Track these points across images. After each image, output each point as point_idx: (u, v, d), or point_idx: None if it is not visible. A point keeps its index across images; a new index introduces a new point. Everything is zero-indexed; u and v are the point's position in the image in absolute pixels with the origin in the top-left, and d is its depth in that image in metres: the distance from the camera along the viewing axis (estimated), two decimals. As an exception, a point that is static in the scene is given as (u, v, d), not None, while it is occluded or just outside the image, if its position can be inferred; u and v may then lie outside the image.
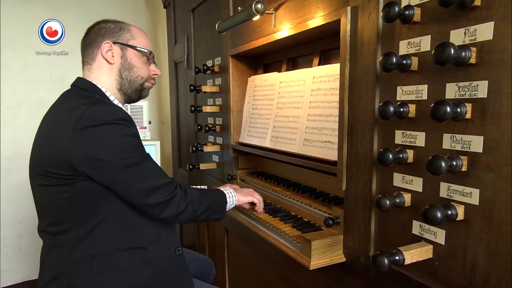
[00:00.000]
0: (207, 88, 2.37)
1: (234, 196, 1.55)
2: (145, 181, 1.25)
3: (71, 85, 1.42)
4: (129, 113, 1.29)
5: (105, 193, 1.24)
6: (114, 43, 1.40)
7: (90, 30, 1.44)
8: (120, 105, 1.43)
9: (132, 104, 2.90)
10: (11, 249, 3.38)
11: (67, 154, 1.18)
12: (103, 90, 1.40)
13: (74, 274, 1.26)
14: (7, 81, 3.22)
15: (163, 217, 1.30)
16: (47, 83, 3.29)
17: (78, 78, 1.42)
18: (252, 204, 1.67)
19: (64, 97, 1.38)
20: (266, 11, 1.62)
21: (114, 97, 1.43)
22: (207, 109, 2.39)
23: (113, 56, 1.40)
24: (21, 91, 3.28)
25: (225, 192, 1.53)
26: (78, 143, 1.18)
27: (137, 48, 1.43)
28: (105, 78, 1.41)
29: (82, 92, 1.36)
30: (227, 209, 1.52)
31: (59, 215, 1.27)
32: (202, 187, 1.88)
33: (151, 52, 1.48)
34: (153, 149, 2.97)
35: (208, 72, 2.35)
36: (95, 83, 1.39)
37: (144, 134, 3.02)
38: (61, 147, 1.19)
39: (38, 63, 3.25)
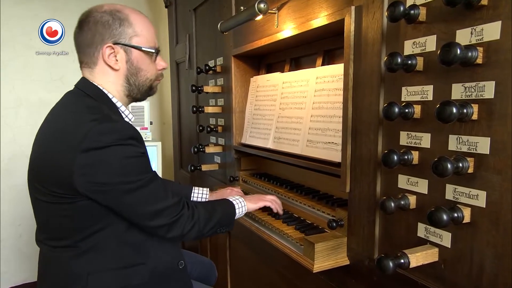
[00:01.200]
0: (209, 89, 2.36)
1: (244, 206, 1.50)
2: (150, 204, 1.20)
3: (75, 87, 1.31)
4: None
5: (107, 212, 1.19)
6: (116, 43, 1.25)
7: (83, 23, 1.26)
8: (127, 111, 1.35)
9: (133, 105, 2.90)
10: (10, 251, 3.37)
11: (68, 175, 1.11)
12: (110, 96, 1.29)
13: None
14: (7, 81, 3.22)
15: (168, 238, 1.26)
16: (47, 83, 3.28)
17: (83, 80, 1.30)
18: (263, 208, 1.63)
19: (68, 102, 1.29)
20: (269, 11, 1.61)
21: (120, 103, 1.33)
22: (209, 109, 2.37)
23: (117, 61, 1.27)
24: (21, 91, 3.28)
25: (234, 202, 1.48)
26: (81, 166, 1.10)
27: (143, 48, 1.29)
28: (111, 84, 1.30)
29: (88, 99, 1.25)
30: (236, 218, 1.48)
31: (59, 231, 1.23)
32: (204, 189, 1.85)
33: (158, 50, 1.35)
34: (155, 150, 2.96)
35: (210, 72, 2.34)
36: (101, 89, 1.28)
37: (146, 134, 3.01)
38: (62, 167, 1.12)
39: (38, 63, 3.24)
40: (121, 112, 1.33)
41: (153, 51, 1.33)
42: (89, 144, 1.10)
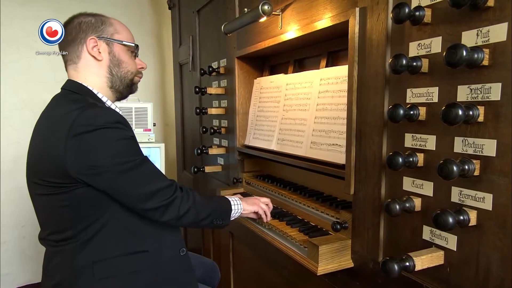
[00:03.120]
0: (212, 90, 2.35)
1: (239, 204, 1.51)
2: (143, 185, 1.22)
3: (62, 88, 1.38)
4: (133, 116, 1.27)
5: (105, 198, 1.22)
6: (99, 38, 1.34)
7: (67, 25, 1.37)
8: (113, 106, 1.40)
9: (136, 106, 2.91)
10: (13, 252, 3.38)
11: (62, 162, 1.15)
12: (95, 91, 1.35)
13: (76, 280, 1.24)
14: (10, 82, 3.23)
15: (164, 220, 1.28)
16: (51, 85, 3.28)
17: (69, 81, 1.38)
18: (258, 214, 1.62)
19: (55, 102, 1.34)
20: (273, 12, 1.61)
21: (106, 98, 1.38)
22: (212, 111, 2.37)
23: (100, 52, 1.35)
24: (24, 93, 3.28)
25: (230, 199, 1.50)
26: (73, 151, 1.14)
27: (124, 42, 1.39)
28: (95, 76, 1.36)
29: (73, 95, 1.32)
30: (232, 217, 1.48)
31: (60, 224, 1.25)
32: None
33: (137, 45, 1.45)
34: (158, 152, 2.96)
35: (214, 73, 2.34)
36: (85, 85, 1.34)
37: (149, 136, 3.01)
38: (56, 156, 1.16)
39: (42, 64, 3.25)
40: (107, 105, 1.38)
41: (133, 44, 1.43)
42: (78, 129, 1.14)
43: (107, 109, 1.25)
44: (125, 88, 1.44)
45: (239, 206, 1.51)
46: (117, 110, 1.38)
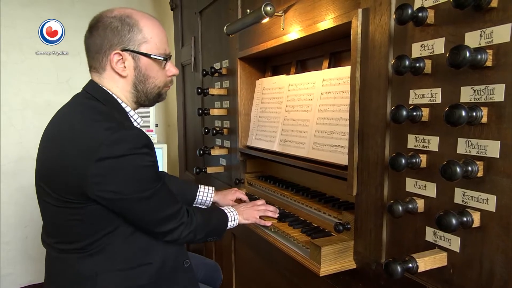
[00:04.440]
0: (214, 91, 2.36)
1: (236, 220, 1.58)
2: (157, 212, 1.23)
3: (84, 90, 1.30)
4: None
5: (115, 216, 1.21)
6: (124, 50, 1.23)
7: (92, 28, 1.25)
8: (135, 116, 1.34)
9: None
10: (16, 252, 3.39)
11: (81, 183, 1.11)
12: (119, 101, 1.29)
13: None
14: (14, 83, 3.24)
15: (164, 240, 1.31)
16: (53, 85, 3.30)
17: (92, 83, 1.30)
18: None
19: (76, 105, 1.28)
20: (275, 14, 1.61)
21: (129, 108, 1.32)
22: (214, 112, 2.38)
23: (125, 68, 1.25)
24: (27, 93, 3.30)
25: (228, 215, 1.55)
26: (96, 175, 1.10)
27: (152, 56, 1.27)
28: (119, 90, 1.29)
29: (98, 104, 1.24)
30: (226, 230, 1.55)
31: (68, 235, 1.24)
32: (210, 189, 1.86)
33: (169, 56, 1.33)
34: (160, 152, 2.97)
35: (216, 74, 2.35)
36: (111, 93, 1.28)
37: (151, 137, 3.00)
38: (76, 175, 1.12)
39: (44, 65, 3.26)
40: (130, 116, 1.33)
41: (162, 58, 1.30)
42: (104, 154, 1.10)
43: (135, 131, 1.18)
44: (151, 100, 1.37)
45: (235, 222, 1.58)
46: (140, 121, 1.36)
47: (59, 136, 1.22)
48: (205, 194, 1.85)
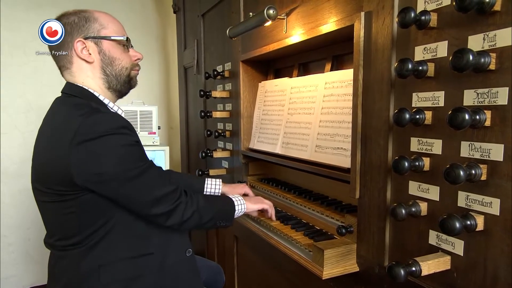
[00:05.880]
0: (217, 94, 2.36)
1: (243, 204, 1.51)
2: (148, 192, 1.21)
3: (62, 92, 1.35)
4: (138, 119, 1.24)
5: (111, 204, 1.21)
6: (86, 38, 1.28)
7: None
8: (115, 108, 1.37)
9: (141, 110, 2.92)
10: (18, 255, 3.39)
11: (67, 171, 1.13)
12: (96, 94, 1.32)
13: (82, 285, 1.24)
14: (17, 86, 3.25)
15: (167, 225, 1.28)
16: (57, 88, 3.26)
17: (68, 84, 1.34)
18: (262, 211, 1.65)
19: (57, 107, 1.32)
20: (278, 17, 1.61)
21: (107, 99, 1.35)
22: (217, 114, 2.38)
23: (90, 54, 1.29)
24: (31, 96, 3.30)
25: (233, 199, 1.50)
26: (77, 159, 1.12)
27: (112, 37, 1.32)
28: (90, 79, 1.32)
29: (75, 99, 1.29)
30: (235, 217, 1.49)
31: (67, 230, 1.25)
32: (217, 180, 1.83)
33: (127, 38, 1.36)
34: (162, 155, 2.96)
35: (218, 77, 2.35)
36: (86, 88, 1.31)
37: (154, 139, 3.02)
38: (60, 164, 1.14)
39: (48, 67, 3.26)
40: (109, 108, 1.35)
41: (123, 37, 1.34)
42: (82, 137, 1.12)
43: (110, 114, 1.23)
44: (123, 85, 1.38)
45: (243, 206, 1.51)
46: (121, 113, 1.37)
47: (45, 134, 1.27)
48: (213, 186, 1.82)
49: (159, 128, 3.10)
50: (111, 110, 1.35)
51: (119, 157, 1.16)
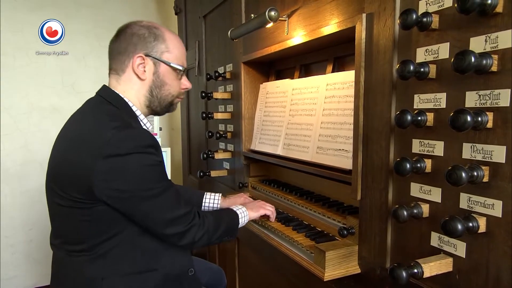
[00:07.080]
0: (218, 95, 2.36)
1: (246, 216, 1.54)
2: (165, 212, 1.22)
3: (97, 94, 1.35)
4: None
5: (123, 218, 1.21)
6: (147, 55, 1.30)
7: (120, 33, 1.33)
8: (145, 120, 1.38)
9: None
10: (21, 255, 3.39)
11: (88, 181, 1.13)
12: (130, 104, 1.33)
13: None
14: (19, 87, 3.26)
15: (179, 245, 1.29)
16: (59, 89, 3.30)
17: (105, 87, 1.35)
18: (263, 215, 1.66)
19: (89, 108, 1.32)
20: (280, 18, 1.61)
21: (141, 112, 1.36)
22: (218, 115, 2.38)
23: (145, 71, 1.31)
24: (33, 97, 3.31)
25: (238, 212, 1.52)
26: (101, 172, 1.13)
27: (171, 64, 1.34)
28: (134, 92, 1.33)
29: (110, 107, 1.29)
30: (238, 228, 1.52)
31: (76, 236, 1.24)
32: (217, 195, 1.84)
33: (185, 69, 1.40)
34: (164, 156, 2.96)
35: (220, 78, 2.35)
36: (123, 97, 1.32)
37: (155, 140, 3.02)
38: (82, 172, 1.14)
39: (50, 69, 3.28)
40: (140, 120, 1.36)
41: (181, 68, 1.38)
42: (110, 151, 1.12)
43: (141, 131, 1.23)
44: (162, 108, 1.41)
45: (246, 218, 1.54)
46: (150, 127, 1.39)
47: (70, 136, 1.27)
48: (211, 201, 1.84)
49: (160, 129, 3.11)
50: (141, 122, 1.36)
51: (142, 176, 1.17)
